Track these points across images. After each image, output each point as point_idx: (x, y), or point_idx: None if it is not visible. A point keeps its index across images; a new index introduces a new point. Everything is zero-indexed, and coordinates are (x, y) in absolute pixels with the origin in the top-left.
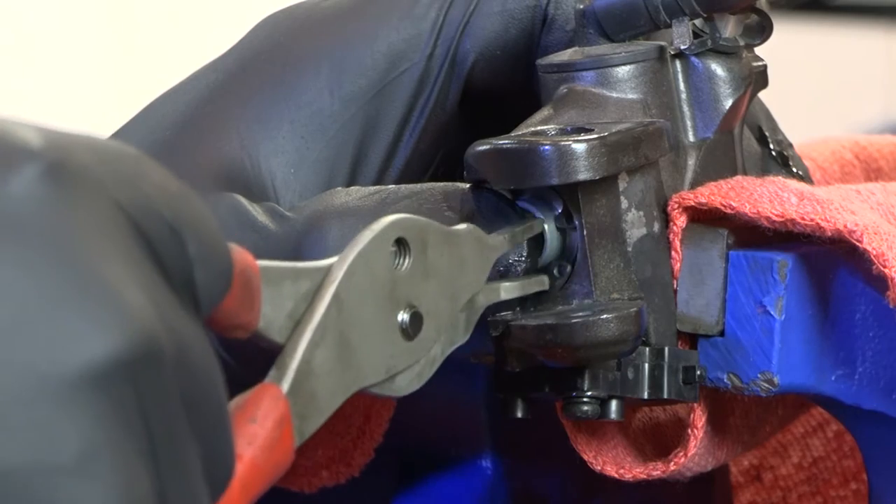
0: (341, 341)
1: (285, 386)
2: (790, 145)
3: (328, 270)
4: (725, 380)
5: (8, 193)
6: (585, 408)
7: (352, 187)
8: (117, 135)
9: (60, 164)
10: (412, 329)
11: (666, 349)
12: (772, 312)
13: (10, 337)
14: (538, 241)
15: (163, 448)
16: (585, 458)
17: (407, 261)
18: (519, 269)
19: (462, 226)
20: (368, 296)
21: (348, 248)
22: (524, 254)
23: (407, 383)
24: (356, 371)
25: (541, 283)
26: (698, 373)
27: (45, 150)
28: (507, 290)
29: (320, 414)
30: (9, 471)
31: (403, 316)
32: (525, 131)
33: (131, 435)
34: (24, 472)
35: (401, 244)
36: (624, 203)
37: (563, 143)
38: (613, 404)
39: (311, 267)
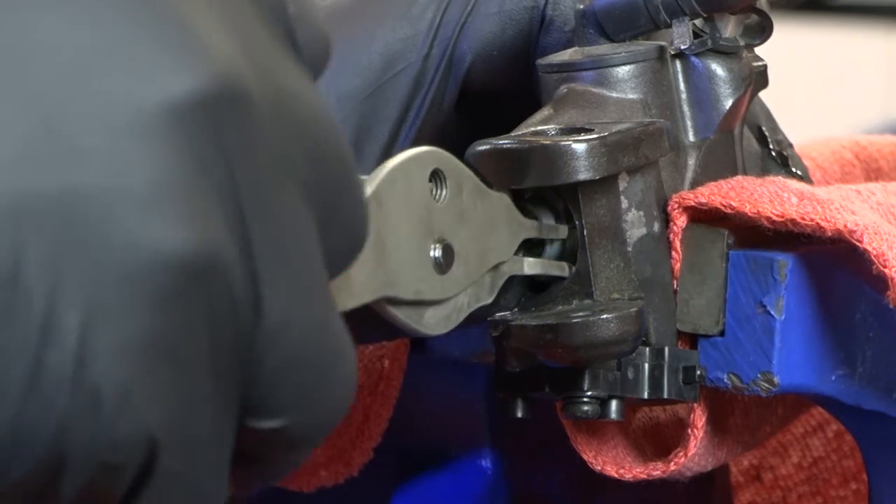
0: (377, 240)
1: None
2: (790, 145)
3: (369, 178)
4: (725, 380)
5: None
6: (585, 408)
7: None
8: None
9: None
10: (444, 263)
11: (666, 349)
12: (772, 312)
13: (90, 65)
14: (539, 241)
15: (252, 200)
16: (585, 458)
17: (444, 193)
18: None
19: (495, 192)
20: (405, 209)
21: (386, 162)
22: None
23: (435, 322)
24: (387, 276)
25: (561, 268)
26: (698, 373)
27: None
28: (531, 265)
29: (351, 297)
30: (80, 194)
31: (436, 248)
32: (525, 131)
33: (209, 177)
34: (94, 196)
35: (438, 177)
36: (624, 203)
37: (563, 143)
38: (613, 404)
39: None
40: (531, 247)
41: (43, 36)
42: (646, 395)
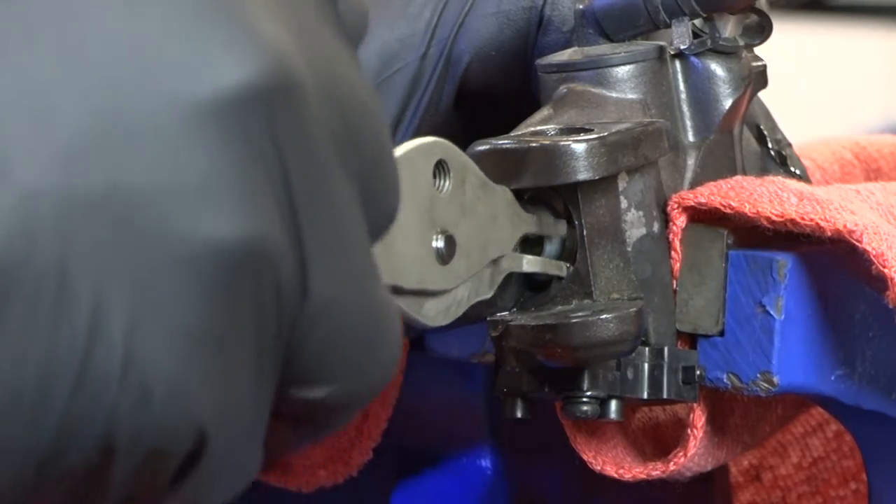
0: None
1: None
2: (789, 144)
3: None
4: (725, 380)
5: None
6: (585, 408)
7: None
8: None
9: None
10: (446, 253)
11: (665, 349)
12: (771, 312)
13: (142, 59)
14: (538, 241)
15: (302, 184)
16: (585, 457)
17: (447, 184)
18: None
19: (498, 186)
20: (408, 199)
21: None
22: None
23: (434, 314)
24: (392, 264)
25: (560, 267)
26: (698, 373)
27: None
28: (530, 262)
29: None
30: (127, 190)
31: (439, 238)
32: (525, 131)
33: (261, 167)
34: (141, 192)
35: (442, 168)
36: (623, 203)
37: (562, 143)
38: (613, 404)
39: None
40: (531, 245)
41: (95, 28)
42: (645, 395)
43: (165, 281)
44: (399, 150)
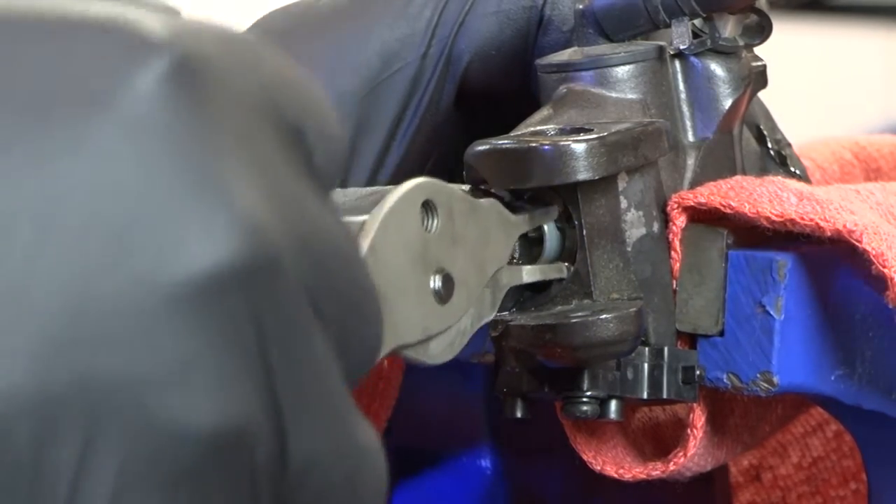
0: (380, 294)
1: None
2: (788, 144)
3: (361, 226)
4: (725, 380)
5: (133, 89)
6: (585, 408)
7: (348, 188)
8: None
9: (186, 59)
10: (445, 292)
11: (665, 349)
12: (771, 312)
13: (114, 240)
14: (538, 241)
15: (280, 357)
16: (585, 457)
17: (435, 223)
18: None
19: (484, 200)
20: (402, 253)
21: (377, 207)
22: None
23: (440, 350)
24: (394, 328)
25: (559, 269)
26: (698, 373)
27: (171, 42)
28: (529, 272)
29: None
30: (103, 381)
31: (436, 279)
32: (524, 131)
33: (238, 345)
34: (118, 382)
35: (428, 207)
36: (623, 203)
37: (562, 143)
38: (613, 404)
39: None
40: (530, 246)
41: (68, 208)
42: (645, 395)
43: (141, 472)
44: (384, 208)
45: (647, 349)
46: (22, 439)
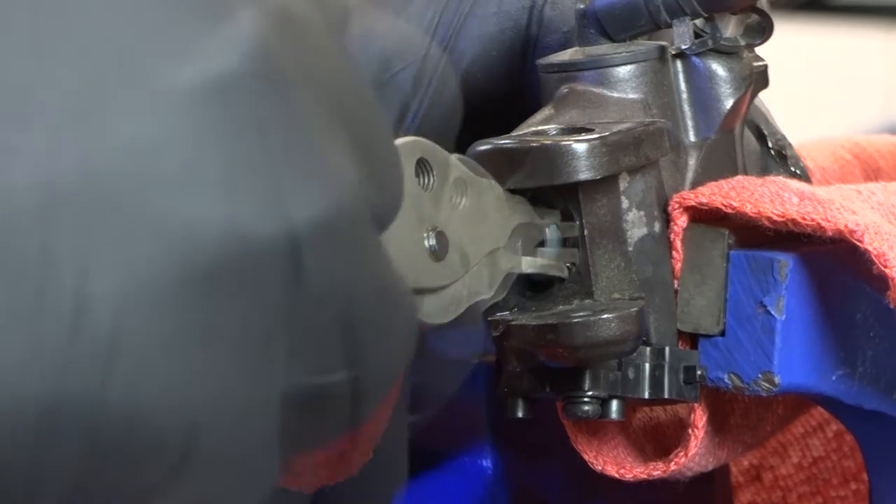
0: None
1: None
2: (789, 144)
3: None
4: (726, 380)
5: None
6: (586, 408)
7: None
8: None
9: None
10: (439, 248)
11: (667, 349)
12: (772, 312)
13: (121, 46)
14: (540, 241)
15: (289, 162)
16: (586, 458)
17: (431, 181)
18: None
19: (483, 179)
20: None
21: None
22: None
23: (433, 310)
24: None
25: (560, 268)
26: (699, 373)
27: None
28: (528, 263)
29: None
30: (107, 180)
31: (430, 235)
32: (526, 131)
33: (243, 146)
34: (121, 181)
35: (423, 165)
36: (625, 203)
37: (563, 142)
38: (614, 404)
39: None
40: (532, 244)
41: (74, 18)
42: (646, 395)
43: (146, 272)
44: None
45: (648, 349)
46: (30, 230)
